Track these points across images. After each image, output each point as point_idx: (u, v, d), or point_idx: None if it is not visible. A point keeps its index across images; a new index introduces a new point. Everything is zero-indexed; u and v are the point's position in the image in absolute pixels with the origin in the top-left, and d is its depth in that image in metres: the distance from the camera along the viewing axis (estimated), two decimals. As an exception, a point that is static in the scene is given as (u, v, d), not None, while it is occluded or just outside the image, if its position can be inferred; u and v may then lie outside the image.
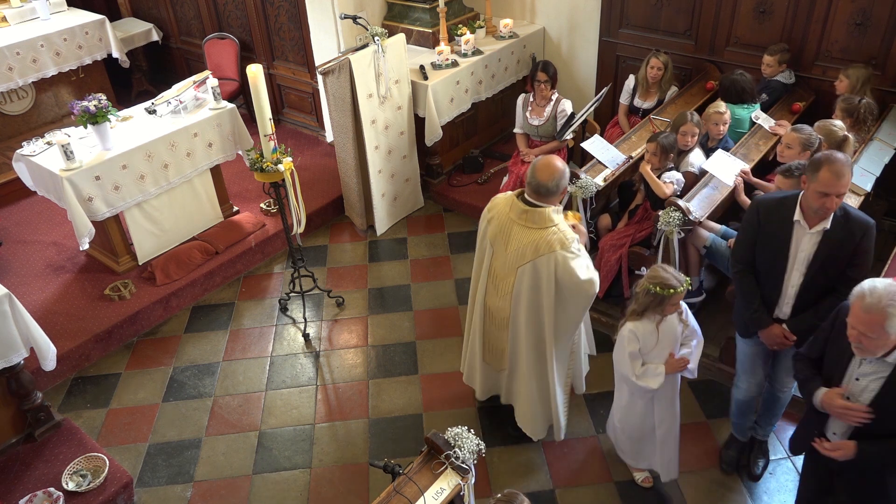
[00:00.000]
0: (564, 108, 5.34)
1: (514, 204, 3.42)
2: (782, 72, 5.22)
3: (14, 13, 6.81)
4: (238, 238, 5.54)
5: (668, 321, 3.30)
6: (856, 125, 4.53)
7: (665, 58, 5.37)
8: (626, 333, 3.31)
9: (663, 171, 4.37)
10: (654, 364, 3.32)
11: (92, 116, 4.69)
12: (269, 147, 4.27)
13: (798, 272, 3.21)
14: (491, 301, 3.67)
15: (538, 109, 5.38)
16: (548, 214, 3.33)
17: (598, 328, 4.80)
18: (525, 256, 3.38)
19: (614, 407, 3.73)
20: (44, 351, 3.85)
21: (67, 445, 3.98)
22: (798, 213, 3.13)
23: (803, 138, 4.04)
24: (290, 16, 6.61)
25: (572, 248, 3.33)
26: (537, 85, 5.26)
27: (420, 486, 2.61)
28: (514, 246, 3.42)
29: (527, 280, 3.42)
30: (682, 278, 3.18)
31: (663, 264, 3.38)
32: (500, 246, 3.50)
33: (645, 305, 3.24)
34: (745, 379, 3.63)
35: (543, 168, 3.31)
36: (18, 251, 5.58)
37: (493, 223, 3.53)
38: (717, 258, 4.25)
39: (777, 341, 3.34)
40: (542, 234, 3.32)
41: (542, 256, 3.33)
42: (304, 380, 4.59)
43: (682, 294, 3.19)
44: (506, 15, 6.61)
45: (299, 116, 7.26)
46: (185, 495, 3.90)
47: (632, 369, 3.32)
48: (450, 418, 4.24)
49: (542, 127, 5.38)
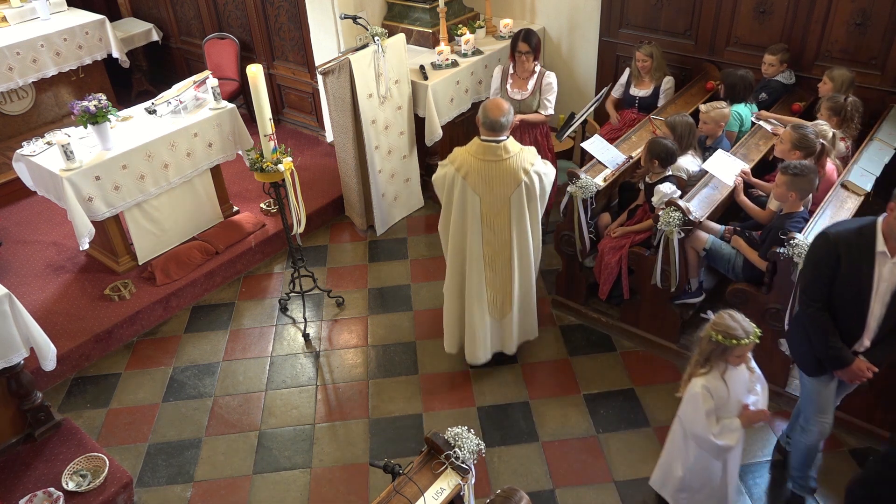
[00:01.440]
0: (551, 81, 5.06)
1: (478, 149, 3.88)
2: (783, 72, 5.23)
3: (14, 13, 6.81)
4: (238, 238, 5.54)
5: (735, 370, 3.04)
6: (842, 124, 4.55)
7: (649, 48, 5.36)
8: (700, 391, 3.01)
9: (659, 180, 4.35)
10: (729, 419, 3.05)
11: (92, 116, 4.69)
12: (269, 147, 4.27)
13: (881, 304, 3.06)
14: (487, 245, 4.05)
15: (520, 82, 5.07)
16: (510, 143, 3.87)
17: (598, 328, 4.82)
18: (511, 185, 3.88)
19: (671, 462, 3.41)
20: (44, 351, 3.85)
21: (67, 445, 3.98)
22: (880, 242, 2.96)
23: (795, 136, 4.08)
24: (290, 16, 6.61)
25: (537, 158, 3.96)
26: (518, 56, 4.95)
27: (420, 486, 2.61)
28: (498, 181, 3.87)
29: (518, 201, 3.93)
30: (750, 329, 2.92)
31: (730, 311, 3.02)
32: (486, 189, 3.90)
33: (707, 354, 3.00)
34: (818, 420, 3.39)
35: (494, 108, 3.81)
36: (18, 251, 5.58)
37: (470, 175, 3.89)
38: (716, 260, 4.25)
39: (860, 376, 3.16)
40: (516, 160, 3.86)
41: (527, 174, 3.87)
42: (304, 380, 4.59)
43: (750, 346, 2.93)
44: (506, 15, 6.61)
45: (299, 116, 7.26)
46: (185, 495, 3.90)
47: (709, 429, 3.03)
48: (450, 418, 4.24)
49: (524, 102, 5.07)
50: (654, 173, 4.39)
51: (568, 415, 4.22)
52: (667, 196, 4.20)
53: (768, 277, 3.89)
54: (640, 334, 4.62)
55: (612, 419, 4.18)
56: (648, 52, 5.37)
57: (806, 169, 3.75)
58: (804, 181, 3.74)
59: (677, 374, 4.42)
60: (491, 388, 4.43)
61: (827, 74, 4.82)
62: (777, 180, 3.83)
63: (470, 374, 4.54)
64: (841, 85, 4.72)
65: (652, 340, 4.58)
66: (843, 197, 4.22)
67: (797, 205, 3.84)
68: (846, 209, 4.14)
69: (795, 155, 4.09)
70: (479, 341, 4.30)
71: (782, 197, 3.84)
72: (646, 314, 4.54)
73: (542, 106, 5.10)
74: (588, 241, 4.53)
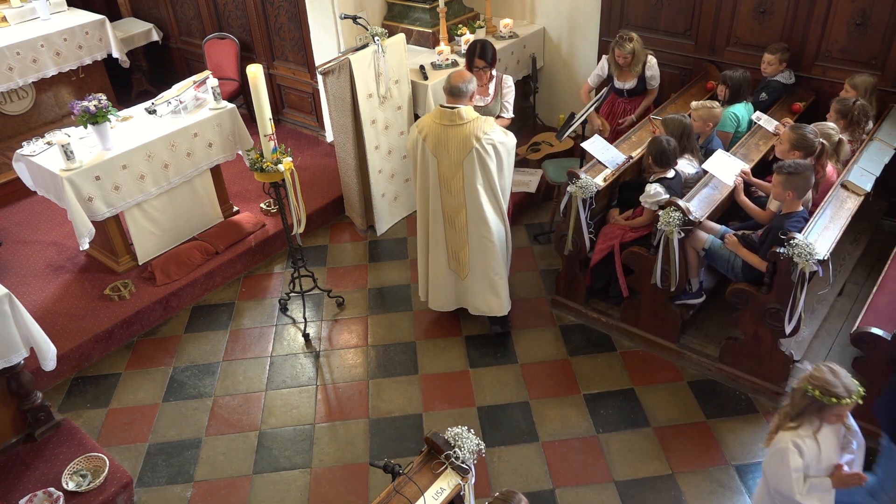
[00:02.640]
0: (510, 85, 5.10)
1: (440, 114, 4.17)
2: (782, 71, 5.22)
3: (14, 13, 6.81)
4: (238, 238, 5.54)
5: (830, 427, 2.81)
6: (850, 126, 4.54)
7: (630, 46, 5.23)
8: (790, 447, 2.77)
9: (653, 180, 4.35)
10: (819, 479, 2.81)
11: (92, 116, 4.69)
12: (269, 147, 4.27)
13: None
14: (447, 205, 4.35)
15: (481, 89, 5.06)
16: (468, 110, 4.13)
17: (598, 328, 4.82)
18: (465, 149, 4.13)
19: None
20: (44, 351, 3.85)
21: (67, 445, 3.98)
22: None
23: (794, 137, 4.09)
24: (290, 16, 6.61)
25: (494, 127, 4.18)
26: (476, 72, 4.91)
27: (420, 486, 2.61)
28: (454, 145, 4.15)
29: (471, 167, 4.17)
30: (853, 387, 2.67)
31: (831, 364, 2.75)
32: (443, 151, 4.19)
33: (801, 409, 2.76)
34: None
35: (456, 75, 4.19)
36: (18, 251, 5.58)
37: (429, 138, 4.20)
38: (716, 260, 4.25)
39: None
40: (470, 127, 4.11)
41: (479, 141, 4.10)
42: (304, 380, 4.59)
43: (851, 406, 2.68)
44: (506, 15, 6.61)
45: (299, 116, 7.26)
46: (185, 495, 3.90)
47: (796, 488, 2.79)
48: (450, 418, 4.24)
49: (487, 107, 5.06)
50: (655, 174, 4.38)
51: (568, 415, 4.22)
52: (651, 196, 4.20)
53: (768, 277, 3.89)
54: (640, 334, 4.62)
55: (612, 419, 4.18)
56: (630, 49, 5.24)
57: (801, 167, 3.75)
58: (800, 179, 3.74)
59: (677, 374, 4.44)
60: (491, 388, 4.44)
61: (848, 82, 4.78)
62: (773, 180, 3.84)
63: (470, 373, 4.54)
64: (864, 92, 4.69)
65: (652, 340, 4.58)
66: (843, 197, 4.22)
67: (796, 204, 3.84)
68: (846, 209, 4.14)
69: (795, 155, 4.10)
70: (440, 289, 4.69)
71: (780, 196, 3.85)
72: (646, 314, 4.54)
73: (503, 109, 5.09)
74: (588, 241, 4.53)
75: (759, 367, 4.19)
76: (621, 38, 5.29)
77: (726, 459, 3.91)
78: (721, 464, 3.89)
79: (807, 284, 3.80)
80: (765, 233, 4.03)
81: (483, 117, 4.19)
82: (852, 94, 4.72)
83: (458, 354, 4.69)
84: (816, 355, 4.35)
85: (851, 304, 4.71)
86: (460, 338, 4.83)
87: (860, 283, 4.84)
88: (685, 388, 4.35)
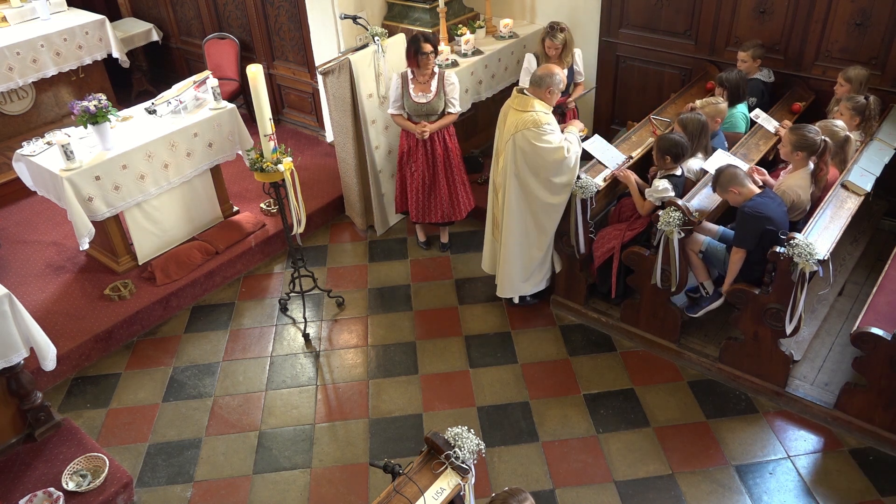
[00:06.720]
0: (454, 82, 5.01)
1: (514, 95, 4.33)
2: (760, 69, 5.20)
3: (14, 13, 6.81)
4: (238, 238, 5.54)
5: None
6: (864, 123, 4.54)
7: (563, 36, 5.09)
8: None
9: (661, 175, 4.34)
10: None
11: (92, 116, 4.69)
12: (269, 147, 4.27)
13: None
14: (496, 176, 4.58)
15: (422, 86, 4.95)
16: (532, 101, 4.22)
17: (598, 328, 4.82)
18: (509, 132, 4.28)
19: None
20: (44, 351, 3.85)
21: (67, 445, 3.98)
22: None
23: (794, 138, 4.11)
24: (290, 16, 6.61)
25: (543, 126, 4.19)
26: (423, 58, 4.79)
27: (420, 486, 2.61)
28: (506, 127, 4.33)
29: (510, 153, 4.32)
30: None
31: None
32: (501, 128, 4.42)
33: None
34: None
35: (544, 67, 4.32)
36: (18, 251, 5.58)
37: (503, 112, 4.42)
38: (713, 261, 4.25)
39: None
40: (522, 117, 4.22)
41: (519, 132, 4.22)
42: (304, 380, 4.59)
43: None
44: (506, 15, 6.61)
45: (299, 116, 7.26)
46: (185, 495, 3.90)
47: None
48: (450, 418, 4.24)
49: (430, 104, 4.96)
50: (665, 170, 4.34)
51: (568, 415, 4.23)
52: (659, 192, 4.19)
53: (768, 277, 3.90)
54: (640, 334, 4.63)
55: (612, 419, 4.18)
56: (562, 39, 5.10)
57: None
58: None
59: (677, 374, 4.45)
60: (491, 388, 4.44)
61: (842, 76, 4.78)
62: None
63: (470, 373, 4.54)
64: (860, 85, 4.70)
65: (652, 340, 4.58)
66: (843, 197, 4.22)
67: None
68: (846, 209, 4.14)
69: (798, 156, 4.09)
70: (487, 251, 5.01)
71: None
72: (646, 314, 4.54)
73: (448, 105, 5.04)
74: (587, 241, 4.53)
75: (759, 367, 4.19)
76: (552, 28, 5.13)
77: (726, 459, 3.91)
78: (721, 464, 3.89)
79: (807, 284, 3.80)
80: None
81: (538, 117, 4.20)
82: (846, 88, 4.74)
83: (458, 354, 4.69)
84: (816, 355, 4.35)
85: (851, 304, 4.71)
86: (460, 338, 4.83)
87: (860, 283, 4.84)
88: (685, 388, 4.35)
